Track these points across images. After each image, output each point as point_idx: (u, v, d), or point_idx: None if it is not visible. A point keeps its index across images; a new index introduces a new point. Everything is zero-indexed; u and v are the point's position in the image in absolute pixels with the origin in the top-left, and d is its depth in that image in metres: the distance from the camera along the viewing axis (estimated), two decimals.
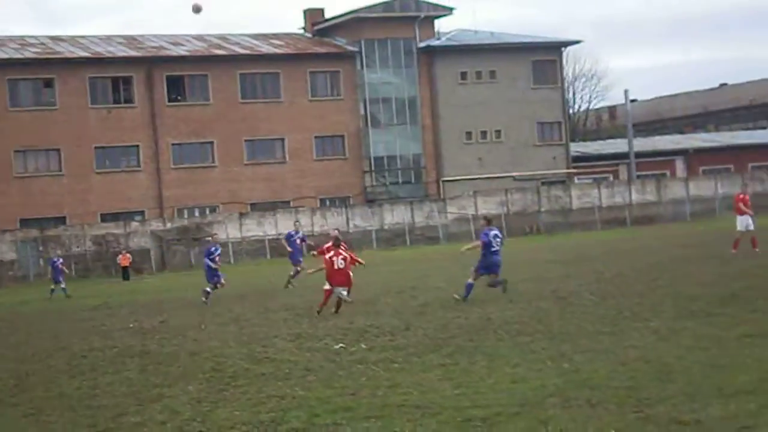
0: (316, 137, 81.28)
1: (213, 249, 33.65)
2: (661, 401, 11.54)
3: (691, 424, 10.37)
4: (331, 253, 25.80)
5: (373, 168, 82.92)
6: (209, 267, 33.15)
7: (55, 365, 19.54)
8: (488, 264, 26.11)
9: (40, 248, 66.72)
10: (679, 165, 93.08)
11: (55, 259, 48.59)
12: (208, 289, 32.49)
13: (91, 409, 14.23)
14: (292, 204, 78.55)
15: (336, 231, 32.00)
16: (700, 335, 16.43)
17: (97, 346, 22.31)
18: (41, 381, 17.55)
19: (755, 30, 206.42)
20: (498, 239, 26.27)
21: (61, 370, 18.80)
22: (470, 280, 25.89)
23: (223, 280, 33.19)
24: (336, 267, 25.15)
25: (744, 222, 35.10)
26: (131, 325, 26.72)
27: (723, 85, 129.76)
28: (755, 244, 34.02)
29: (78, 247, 67.59)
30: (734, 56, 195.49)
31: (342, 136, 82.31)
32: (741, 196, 36.29)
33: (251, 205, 78.00)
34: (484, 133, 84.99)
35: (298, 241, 37.08)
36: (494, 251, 26.01)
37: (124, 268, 61.26)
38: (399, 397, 13.23)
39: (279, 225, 70.92)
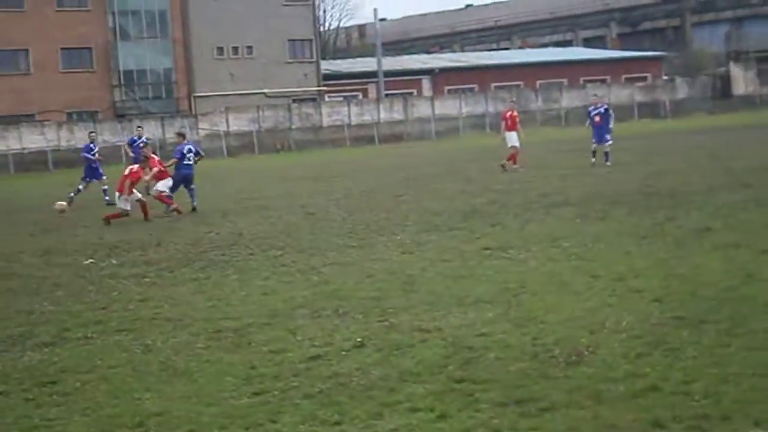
0: (62, 49, 78.76)
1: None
2: (405, 310, 12.08)
3: (433, 331, 10.92)
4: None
5: (122, 82, 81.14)
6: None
7: None
8: (181, 177, 28.32)
9: None
10: (426, 84, 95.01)
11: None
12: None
13: None
14: (37, 117, 76.13)
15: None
16: (442, 248, 17.14)
17: None
18: None
19: None
20: (191, 154, 28.65)
21: None
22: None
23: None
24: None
25: (513, 138, 36.22)
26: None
27: (469, 6, 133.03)
28: (515, 160, 35.30)
29: None
30: None
31: (90, 49, 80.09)
32: (509, 113, 37.40)
33: None
34: (236, 49, 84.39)
35: (141, 146, 35.73)
36: (186, 164, 28.45)
37: None
38: (151, 310, 13.34)
39: (23, 139, 68.72)
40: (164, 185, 27.76)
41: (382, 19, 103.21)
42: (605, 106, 35.82)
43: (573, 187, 26.65)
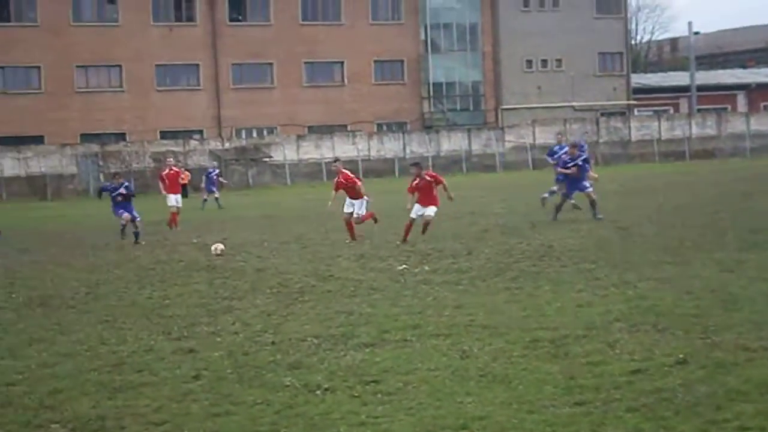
0: (375, 61, 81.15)
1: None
2: (728, 329, 11.68)
3: (759, 351, 10.51)
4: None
5: (431, 94, 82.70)
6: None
7: (125, 276, 19.96)
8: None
9: (100, 163, 67.39)
10: (741, 100, 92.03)
11: (211, 170, 48.54)
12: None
13: (164, 318, 14.61)
14: (349, 128, 78.68)
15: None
16: (763, 266, 16.48)
17: (163, 259, 22.75)
18: (112, 290, 17.98)
19: None
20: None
21: (130, 280, 19.21)
22: None
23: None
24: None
25: None
26: (194, 241, 27.11)
27: None
28: None
29: (138, 163, 68.19)
30: None
31: (402, 61, 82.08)
32: None
33: (308, 127, 78.24)
34: (544, 62, 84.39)
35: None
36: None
37: (183, 186, 61.70)
38: (465, 317, 13.46)
39: (336, 148, 71.13)
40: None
41: (696, 33, 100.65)
42: None
43: None
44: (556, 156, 32.01)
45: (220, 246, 22.38)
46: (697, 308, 13.13)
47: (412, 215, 24.46)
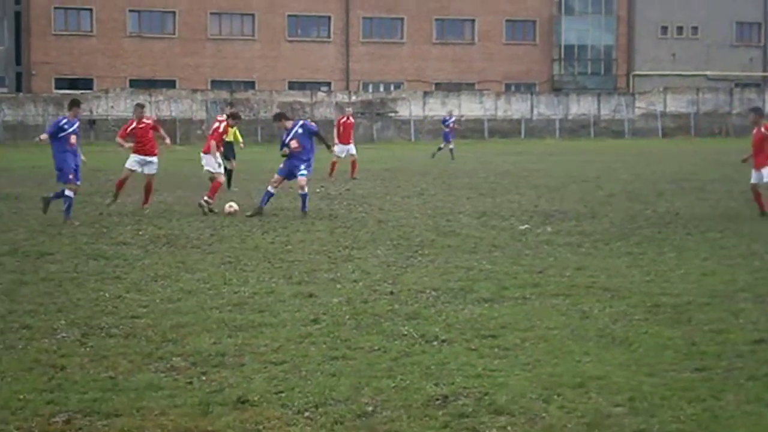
0: (507, 21, 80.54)
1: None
2: None
3: None
4: None
5: (562, 56, 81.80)
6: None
7: (248, 220, 20.22)
8: None
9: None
10: None
11: (447, 118, 46.35)
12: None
13: (285, 263, 14.77)
14: (477, 86, 78.33)
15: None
16: None
17: (286, 207, 22.98)
18: (236, 233, 18.23)
19: None
20: None
21: (254, 225, 19.46)
22: None
23: None
24: None
25: None
26: (317, 191, 27.31)
27: None
28: None
29: (266, 112, 68.86)
30: None
31: (534, 21, 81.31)
32: None
33: (436, 84, 78.08)
34: (680, 29, 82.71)
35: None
36: None
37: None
38: (587, 279, 13.33)
39: (462, 107, 70.88)
40: None
41: None
42: None
43: None
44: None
45: (234, 206, 22.06)
46: None
47: None
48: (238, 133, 28.89)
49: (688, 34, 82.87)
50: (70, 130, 19.91)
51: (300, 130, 21.61)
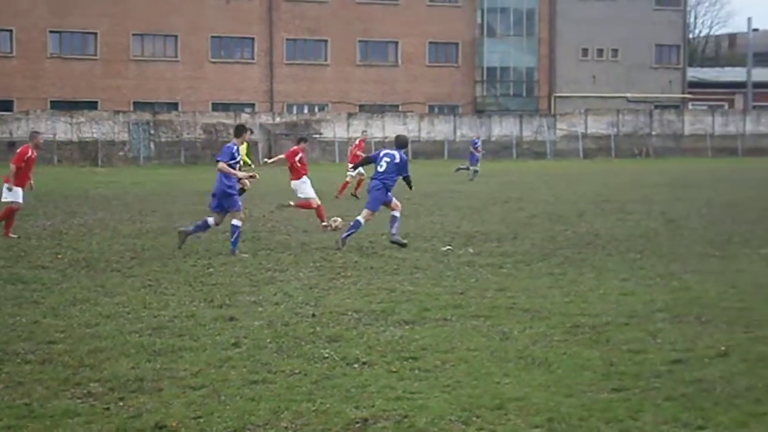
0: (430, 43, 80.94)
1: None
2: None
3: None
4: None
5: (485, 78, 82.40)
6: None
7: (170, 243, 20.05)
8: None
9: (152, 132, 67.76)
10: None
11: (476, 141, 47.87)
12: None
13: (206, 286, 14.67)
14: (401, 108, 78.61)
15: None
16: None
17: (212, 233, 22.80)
18: (157, 257, 18.08)
19: None
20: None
21: (175, 248, 19.30)
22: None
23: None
24: None
25: None
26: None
27: None
28: None
29: (188, 133, 68.53)
30: None
31: (457, 44, 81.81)
32: None
33: (360, 106, 78.23)
34: (600, 51, 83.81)
35: None
36: None
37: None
38: (507, 300, 13.42)
39: (386, 128, 71.08)
40: None
41: (755, 29, 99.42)
42: None
43: None
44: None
45: (339, 221, 22.43)
46: (741, 302, 13.02)
47: None
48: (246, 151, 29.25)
49: (608, 56, 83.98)
50: None
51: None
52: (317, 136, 71.00)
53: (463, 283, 14.94)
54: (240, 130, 19.53)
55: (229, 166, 18.78)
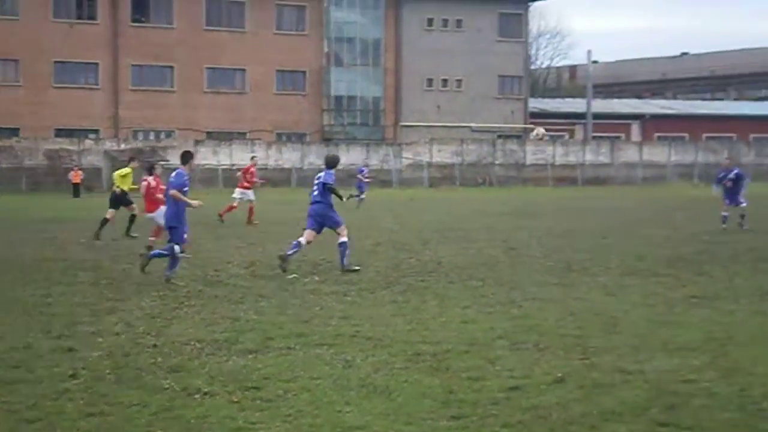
0: (278, 71, 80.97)
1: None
2: (607, 351, 11.87)
3: (635, 373, 10.71)
4: None
5: (332, 107, 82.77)
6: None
7: (8, 271, 19.58)
8: None
9: None
10: (635, 129, 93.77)
11: (362, 168, 49.76)
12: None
13: (45, 316, 14.38)
14: (248, 136, 78.36)
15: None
16: (646, 293, 16.81)
17: (49, 257, 22.40)
18: None
19: (719, 2, 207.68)
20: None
21: (14, 277, 18.86)
22: None
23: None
24: None
25: None
26: (82, 241, 26.74)
27: (684, 54, 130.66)
28: None
29: (30, 160, 67.07)
30: (697, 27, 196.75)
31: (304, 72, 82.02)
32: None
33: (207, 133, 77.73)
34: (445, 81, 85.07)
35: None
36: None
37: (75, 185, 60.87)
38: (351, 328, 13.49)
39: (234, 155, 70.76)
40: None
41: (594, 62, 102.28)
42: (737, 171, 31.93)
43: None
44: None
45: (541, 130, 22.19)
46: (578, 329, 13.33)
47: None
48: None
49: (452, 86, 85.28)
50: None
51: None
52: (163, 163, 70.16)
53: (307, 311, 14.96)
54: (188, 157, 19.70)
55: (182, 193, 18.78)
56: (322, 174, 21.30)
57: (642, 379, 10.43)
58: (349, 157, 76.01)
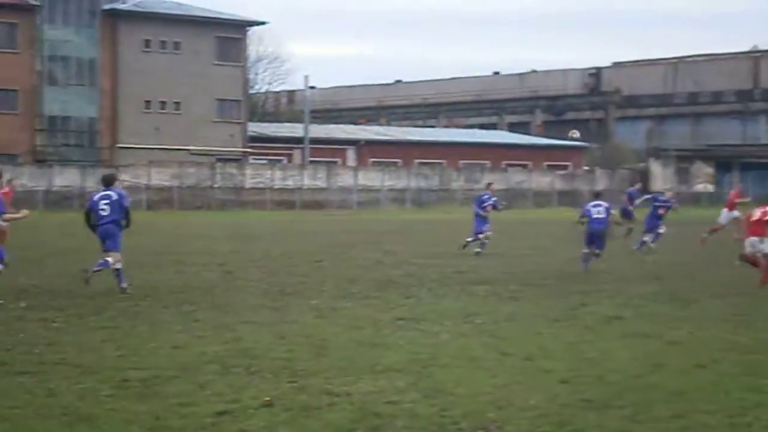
0: None
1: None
2: (316, 374, 12.05)
3: (342, 395, 10.91)
4: None
5: (46, 127, 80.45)
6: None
7: None
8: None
9: None
10: (351, 155, 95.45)
11: None
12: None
13: None
14: None
15: None
16: (356, 315, 17.17)
17: None
18: None
19: (433, 30, 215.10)
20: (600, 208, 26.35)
21: None
22: None
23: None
24: None
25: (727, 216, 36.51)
26: None
27: (398, 81, 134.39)
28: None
29: None
30: (411, 54, 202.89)
31: (16, 91, 79.40)
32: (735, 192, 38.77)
33: None
34: (163, 104, 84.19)
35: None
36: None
37: None
38: (56, 355, 13.15)
39: None
40: None
41: (312, 87, 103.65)
42: (491, 196, 32.05)
43: (488, 267, 26.86)
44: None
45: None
46: (289, 352, 13.47)
47: None
48: None
49: (171, 109, 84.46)
50: None
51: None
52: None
53: (11, 338, 14.48)
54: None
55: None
56: (110, 193, 20.84)
57: (348, 401, 10.64)
58: (65, 178, 74.20)
